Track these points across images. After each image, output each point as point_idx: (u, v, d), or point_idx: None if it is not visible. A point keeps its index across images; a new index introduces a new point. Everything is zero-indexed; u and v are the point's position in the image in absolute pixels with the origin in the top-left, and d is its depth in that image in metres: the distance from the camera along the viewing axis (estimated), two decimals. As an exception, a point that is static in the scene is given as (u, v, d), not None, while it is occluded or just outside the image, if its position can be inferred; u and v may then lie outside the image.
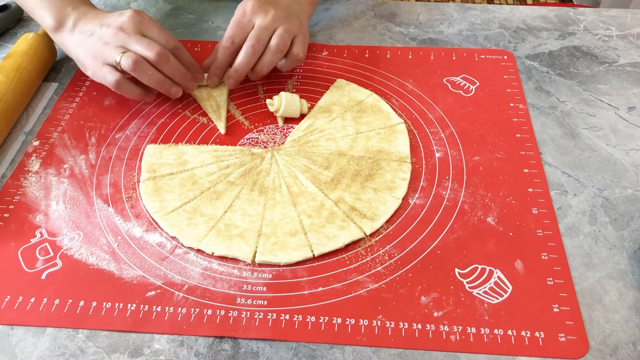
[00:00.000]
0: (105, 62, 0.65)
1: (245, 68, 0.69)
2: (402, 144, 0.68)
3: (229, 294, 0.55)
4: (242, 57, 0.68)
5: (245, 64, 0.68)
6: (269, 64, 0.69)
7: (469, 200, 0.62)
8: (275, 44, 0.68)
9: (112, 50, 0.64)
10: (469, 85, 0.76)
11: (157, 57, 0.64)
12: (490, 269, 0.56)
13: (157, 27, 0.67)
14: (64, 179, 0.66)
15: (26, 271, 0.57)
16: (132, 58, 0.63)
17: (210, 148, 0.68)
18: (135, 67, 0.63)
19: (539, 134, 0.69)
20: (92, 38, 0.67)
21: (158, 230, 0.60)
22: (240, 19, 0.69)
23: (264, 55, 0.68)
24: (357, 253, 0.58)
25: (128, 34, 0.65)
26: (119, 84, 0.66)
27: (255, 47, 0.67)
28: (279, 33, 0.68)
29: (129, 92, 0.68)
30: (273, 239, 0.58)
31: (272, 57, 0.68)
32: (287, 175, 0.65)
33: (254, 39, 0.67)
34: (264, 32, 0.67)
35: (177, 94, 0.70)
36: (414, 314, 0.53)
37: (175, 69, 0.67)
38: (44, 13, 0.70)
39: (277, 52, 0.68)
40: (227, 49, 0.69)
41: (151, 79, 0.66)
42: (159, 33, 0.66)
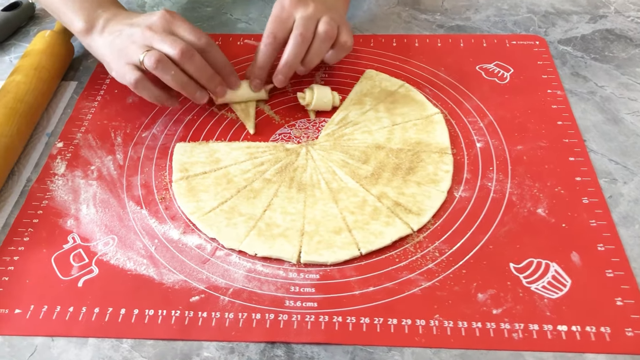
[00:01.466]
0: (128, 61, 0.62)
1: (296, 60, 0.64)
2: (441, 135, 0.66)
3: (276, 297, 0.52)
4: (291, 49, 0.63)
5: (295, 55, 0.63)
6: (319, 52, 0.65)
7: (517, 192, 0.60)
8: (323, 30, 0.63)
9: (137, 49, 0.61)
10: (503, 72, 0.74)
11: (181, 54, 0.60)
12: (546, 263, 0.54)
13: (188, 25, 0.63)
14: (92, 181, 0.63)
15: (62, 279, 0.55)
16: (154, 56, 0.59)
17: (243, 145, 0.66)
18: (157, 65, 0.59)
19: (580, 121, 0.67)
20: (120, 37, 0.63)
21: (196, 232, 0.58)
22: (279, 14, 0.64)
23: (313, 44, 0.64)
24: (406, 250, 0.55)
25: (155, 32, 0.61)
26: (137, 84, 0.62)
27: (304, 35, 0.63)
28: (325, 20, 0.63)
29: (148, 94, 0.63)
30: (317, 237, 0.56)
31: (322, 45, 0.64)
32: (324, 170, 0.63)
33: (301, 27, 0.62)
34: (309, 21, 0.63)
35: (202, 99, 0.65)
36: (472, 312, 0.51)
37: (200, 69, 0.62)
38: (73, 16, 0.66)
39: (327, 40, 0.64)
40: (269, 45, 0.64)
41: (174, 80, 0.61)
42: (189, 31, 0.62)
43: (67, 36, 0.78)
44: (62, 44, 0.76)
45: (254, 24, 0.85)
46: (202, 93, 0.65)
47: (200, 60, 0.62)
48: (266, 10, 0.87)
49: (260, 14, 0.87)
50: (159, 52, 0.60)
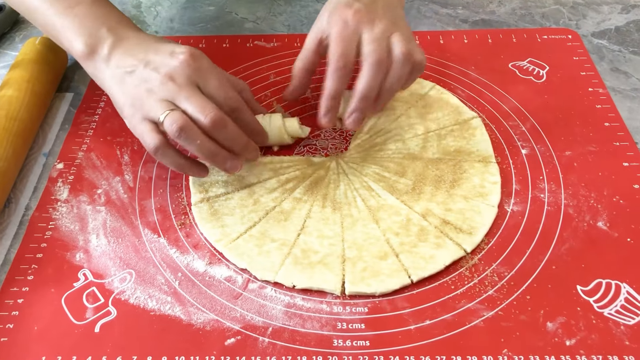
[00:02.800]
0: (146, 117, 0.50)
1: (374, 91, 0.53)
2: (482, 141, 0.60)
3: (322, 335, 0.47)
4: (367, 78, 0.52)
5: (374, 85, 0.53)
6: (399, 78, 0.54)
7: (572, 203, 0.55)
8: (401, 51, 0.52)
9: (156, 105, 0.49)
10: (539, 69, 0.69)
11: (212, 123, 0.49)
12: (616, 284, 0.49)
13: (217, 79, 0.51)
14: (101, 207, 0.56)
15: (75, 324, 0.48)
16: (178, 122, 0.48)
17: (265, 160, 0.60)
18: (181, 133, 0.48)
19: (628, 121, 0.62)
20: (133, 78, 0.51)
21: (224, 262, 0.52)
22: (342, 32, 0.53)
23: (391, 70, 0.53)
24: (461, 275, 0.50)
25: (179, 85, 0.49)
26: (158, 150, 0.50)
27: (381, 61, 0.52)
28: (399, 39, 0.53)
29: (170, 162, 0.52)
30: (361, 264, 0.50)
31: (402, 69, 0.53)
32: (359, 186, 0.57)
33: (376, 52, 0.52)
34: (382, 41, 0.53)
35: (235, 169, 0.53)
36: (544, 344, 0.45)
37: (234, 138, 0.51)
38: (71, 36, 0.54)
39: (407, 62, 0.53)
40: (342, 70, 0.53)
41: (201, 150, 0.50)
42: (217, 87, 0.51)
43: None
44: (55, 51, 0.68)
45: (262, 23, 0.79)
46: (234, 162, 0.52)
47: (234, 127, 0.51)
48: (273, 7, 0.81)
49: (268, 12, 0.80)
50: (182, 116, 0.48)
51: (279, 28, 0.78)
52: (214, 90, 0.51)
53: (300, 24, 0.78)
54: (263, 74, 0.70)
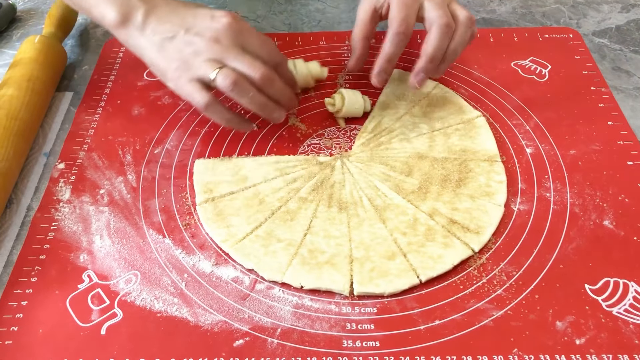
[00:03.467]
0: (193, 77, 0.53)
1: (441, 53, 0.57)
2: (487, 140, 0.60)
3: (332, 336, 0.46)
4: (436, 40, 0.56)
5: (441, 47, 0.56)
6: (464, 41, 0.58)
7: (578, 202, 0.55)
8: (466, 16, 0.57)
9: (205, 65, 0.53)
10: (541, 69, 0.69)
11: (262, 79, 0.53)
12: (624, 282, 0.49)
13: (259, 39, 0.55)
14: (104, 207, 0.56)
15: (81, 326, 0.47)
16: (231, 77, 0.52)
17: (270, 159, 0.59)
18: (234, 87, 0.52)
19: (631, 120, 0.62)
20: (175, 43, 0.54)
21: (230, 263, 0.51)
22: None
23: (455, 34, 0.57)
24: (469, 274, 0.50)
25: (225, 46, 0.53)
26: (208, 107, 0.54)
27: (449, 25, 0.56)
28: (459, 6, 0.58)
29: (219, 117, 0.56)
30: (369, 264, 0.50)
31: (465, 33, 0.58)
32: (365, 186, 0.56)
33: (444, 16, 0.56)
34: (444, 7, 0.56)
35: (280, 119, 0.57)
36: (554, 343, 0.45)
37: (281, 91, 0.56)
38: (103, 6, 0.56)
39: (470, 26, 0.58)
40: (403, 35, 0.56)
41: (252, 102, 0.54)
42: (260, 46, 0.55)
43: (59, 41, 0.70)
44: (54, 50, 0.68)
45: (263, 21, 0.78)
46: (281, 112, 0.57)
47: (279, 81, 0.55)
48: (274, 6, 0.80)
49: (268, 11, 0.80)
50: (234, 72, 0.52)
51: (279, 27, 0.77)
52: (258, 48, 0.54)
53: (301, 22, 0.77)
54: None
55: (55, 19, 0.71)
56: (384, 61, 0.58)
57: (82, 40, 0.76)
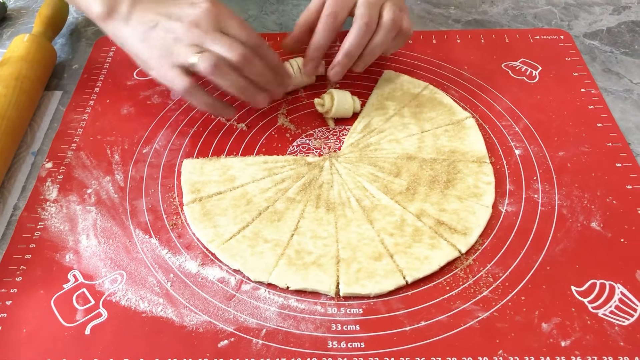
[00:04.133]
0: (175, 64, 0.54)
1: (358, 50, 0.58)
2: (476, 142, 0.60)
3: (317, 337, 0.46)
4: (353, 37, 0.58)
5: (359, 44, 0.58)
6: (383, 42, 0.59)
7: (566, 204, 0.55)
8: (390, 18, 0.58)
9: (185, 49, 0.53)
10: (531, 70, 0.69)
11: (241, 58, 0.53)
12: (610, 284, 0.49)
13: (238, 22, 0.55)
14: (91, 207, 0.56)
15: (65, 326, 0.47)
16: (210, 60, 0.52)
17: (259, 159, 0.59)
18: (214, 70, 0.52)
19: (621, 122, 0.62)
20: (157, 31, 0.54)
21: (217, 263, 0.51)
22: None
23: (376, 34, 0.58)
24: (456, 276, 0.50)
25: (204, 30, 0.53)
26: (189, 91, 0.55)
27: (369, 24, 0.57)
28: (390, 6, 0.58)
29: (201, 101, 0.56)
30: (355, 265, 0.50)
31: (387, 35, 0.59)
32: (353, 186, 0.56)
33: (366, 14, 0.57)
34: (374, 7, 0.57)
35: (263, 103, 0.58)
36: (539, 345, 0.45)
37: (260, 73, 0.56)
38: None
39: (393, 29, 0.58)
40: (329, 25, 0.58)
41: (233, 85, 0.54)
42: (239, 29, 0.54)
43: (48, 39, 0.69)
44: (44, 49, 0.67)
45: (254, 21, 0.78)
46: (263, 96, 0.57)
47: (259, 62, 0.55)
48: (265, 6, 0.80)
49: (260, 11, 0.80)
50: (214, 54, 0.53)
51: (271, 27, 0.77)
52: (236, 30, 0.54)
53: (292, 22, 0.77)
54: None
55: (45, 17, 0.71)
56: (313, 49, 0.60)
57: (73, 40, 0.76)
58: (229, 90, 0.55)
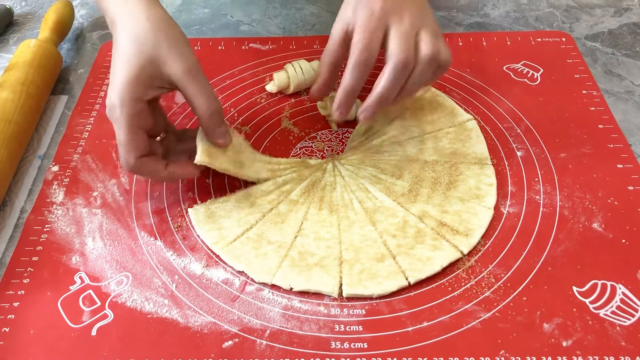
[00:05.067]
0: None
1: (393, 92, 0.50)
2: (477, 144, 0.60)
3: (320, 338, 0.47)
4: (388, 78, 0.49)
5: (394, 86, 0.50)
6: (422, 80, 0.51)
7: (568, 205, 0.55)
8: (429, 52, 0.49)
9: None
10: (533, 72, 0.69)
11: (129, 172, 0.54)
12: (612, 285, 0.49)
13: (121, 136, 0.49)
14: (96, 209, 0.56)
15: (72, 327, 0.48)
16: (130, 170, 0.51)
17: (264, 158, 0.59)
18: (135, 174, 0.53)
19: (622, 124, 0.63)
20: None
21: (221, 265, 0.52)
22: (368, 23, 0.50)
23: (414, 70, 0.50)
24: (458, 277, 0.50)
25: (115, 128, 0.49)
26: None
27: (405, 61, 0.49)
28: (427, 37, 0.50)
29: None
30: (358, 266, 0.50)
31: (424, 73, 0.51)
32: (355, 188, 0.57)
33: (402, 52, 0.49)
34: (409, 39, 0.49)
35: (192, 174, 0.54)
36: (541, 345, 0.46)
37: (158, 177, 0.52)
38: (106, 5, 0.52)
39: (433, 63, 0.50)
40: (363, 65, 0.50)
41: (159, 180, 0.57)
42: (118, 144, 0.50)
43: (54, 44, 0.70)
44: (50, 53, 0.68)
45: (258, 25, 0.79)
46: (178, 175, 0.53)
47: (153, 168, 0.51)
48: (269, 10, 0.81)
49: (263, 15, 0.80)
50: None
51: (274, 31, 0.78)
52: (118, 146, 0.50)
53: (295, 26, 0.78)
54: (258, 77, 0.70)
55: (51, 23, 0.72)
56: (343, 95, 0.51)
57: (78, 44, 0.76)
58: None
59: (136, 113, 0.48)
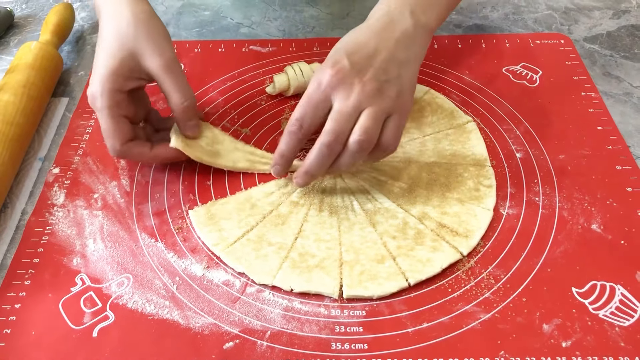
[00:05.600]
0: None
1: (319, 171, 0.51)
2: (477, 145, 0.61)
3: (321, 339, 0.47)
4: (314, 158, 0.50)
5: (318, 166, 0.50)
6: (347, 165, 0.50)
7: (567, 206, 0.55)
8: (356, 140, 0.48)
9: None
10: (532, 74, 0.69)
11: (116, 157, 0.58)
12: (611, 286, 0.49)
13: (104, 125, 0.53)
14: (97, 211, 0.56)
15: (73, 328, 0.48)
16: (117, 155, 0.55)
17: (265, 156, 0.60)
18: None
19: (621, 125, 0.63)
20: None
21: (222, 266, 0.52)
22: (312, 95, 0.49)
23: (342, 155, 0.50)
24: (458, 278, 0.50)
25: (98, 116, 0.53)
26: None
27: (331, 146, 0.49)
28: (365, 124, 0.48)
29: None
30: (358, 267, 0.50)
31: (351, 158, 0.50)
32: (355, 190, 0.57)
33: (330, 134, 0.48)
34: (345, 121, 0.48)
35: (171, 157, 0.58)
36: (540, 346, 0.46)
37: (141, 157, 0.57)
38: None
39: (360, 152, 0.49)
40: (293, 135, 0.51)
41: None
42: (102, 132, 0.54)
43: (55, 47, 0.71)
44: (51, 56, 0.68)
45: (258, 28, 0.79)
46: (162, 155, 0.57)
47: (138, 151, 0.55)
48: (268, 12, 0.81)
49: (263, 17, 0.80)
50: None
51: (274, 33, 0.78)
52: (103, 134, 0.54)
53: (295, 29, 0.78)
54: (258, 79, 0.70)
55: (51, 25, 0.72)
56: (277, 156, 0.53)
57: (79, 47, 0.77)
58: None
59: (116, 103, 0.52)
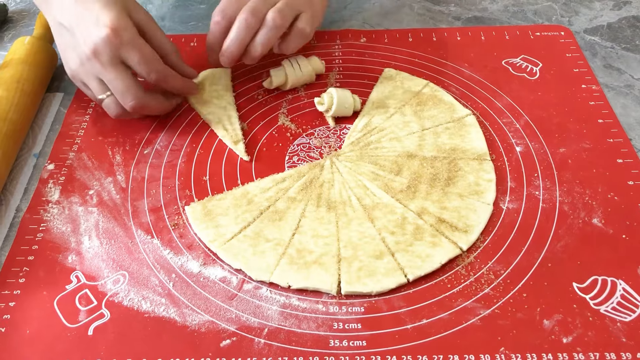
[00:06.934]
0: (84, 83, 0.58)
1: (237, 46, 0.58)
2: (476, 139, 0.60)
3: (319, 336, 0.46)
4: (233, 34, 0.58)
5: (237, 41, 0.58)
6: (263, 42, 0.58)
7: (567, 200, 0.55)
8: (271, 17, 0.57)
9: (92, 82, 0.56)
10: (532, 66, 0.69)
11: (133, 110, 0.57)
12: (612, 280, 0.49)
13: (139, 53, 0.54)
14: (93, 208, 0.56)
15: (68, 327, 0.47)
16: (113, 110, 0.58)
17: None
18: (118, 116, 0.59)
19: (622, 118, 0.62)
20: (65, 36, 0.57)
21: (218, 263, 0.51)
22: None
23: (258, 32, 0.58)
24: (457, 273, 0.50)
25: (103, 64, 0.54)
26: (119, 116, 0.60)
27: (248, 20, 0.57)
28: (279, 6, 0.57)
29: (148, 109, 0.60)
30: (357, 263, 0.50)
31: (266, 34, 0.58)
32: (354, 185, 0.56)
33: (247, 11, 0.57)
34: (261, 4, 0.57)
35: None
36: (541, 342, 0.45)
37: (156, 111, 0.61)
38: None
39: (273, 28, 0.57)
40: (218, 24, 0.59)
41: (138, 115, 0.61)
42: (139, 63, 0.55)
43: (49, 42, 0.70)
44: (45, 51, 0.67)
45: (254, 21, 0.78)
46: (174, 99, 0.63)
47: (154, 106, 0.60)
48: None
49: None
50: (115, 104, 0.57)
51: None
52: (136, 65, 0.55)
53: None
54: (255, 73, 0.69)
55: (46, 20, 0.71)
56: (207, 49, 0.62)
57: (73, 41, 0.76)
58: None
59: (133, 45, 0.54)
